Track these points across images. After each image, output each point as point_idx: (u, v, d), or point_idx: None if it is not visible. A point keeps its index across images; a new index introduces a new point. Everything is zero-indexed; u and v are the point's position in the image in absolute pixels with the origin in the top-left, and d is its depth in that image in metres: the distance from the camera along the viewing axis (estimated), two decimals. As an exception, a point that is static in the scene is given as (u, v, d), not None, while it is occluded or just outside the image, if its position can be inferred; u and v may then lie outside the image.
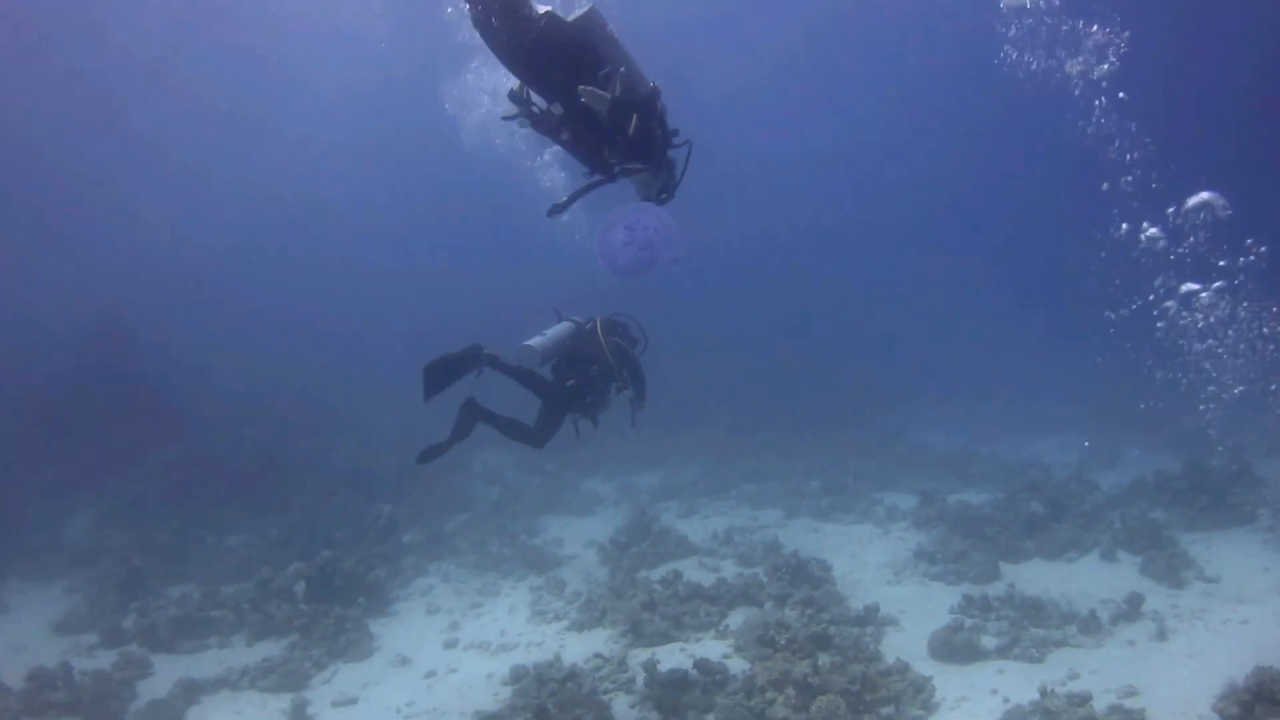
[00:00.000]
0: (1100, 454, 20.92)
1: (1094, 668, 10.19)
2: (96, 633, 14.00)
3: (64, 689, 11.65)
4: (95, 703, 11.30)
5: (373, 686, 11.79)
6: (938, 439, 24.15)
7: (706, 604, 12.77)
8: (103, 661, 12.78)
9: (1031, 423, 25.67)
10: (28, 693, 11.57)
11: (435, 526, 18.58)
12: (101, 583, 15.37)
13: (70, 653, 13.35)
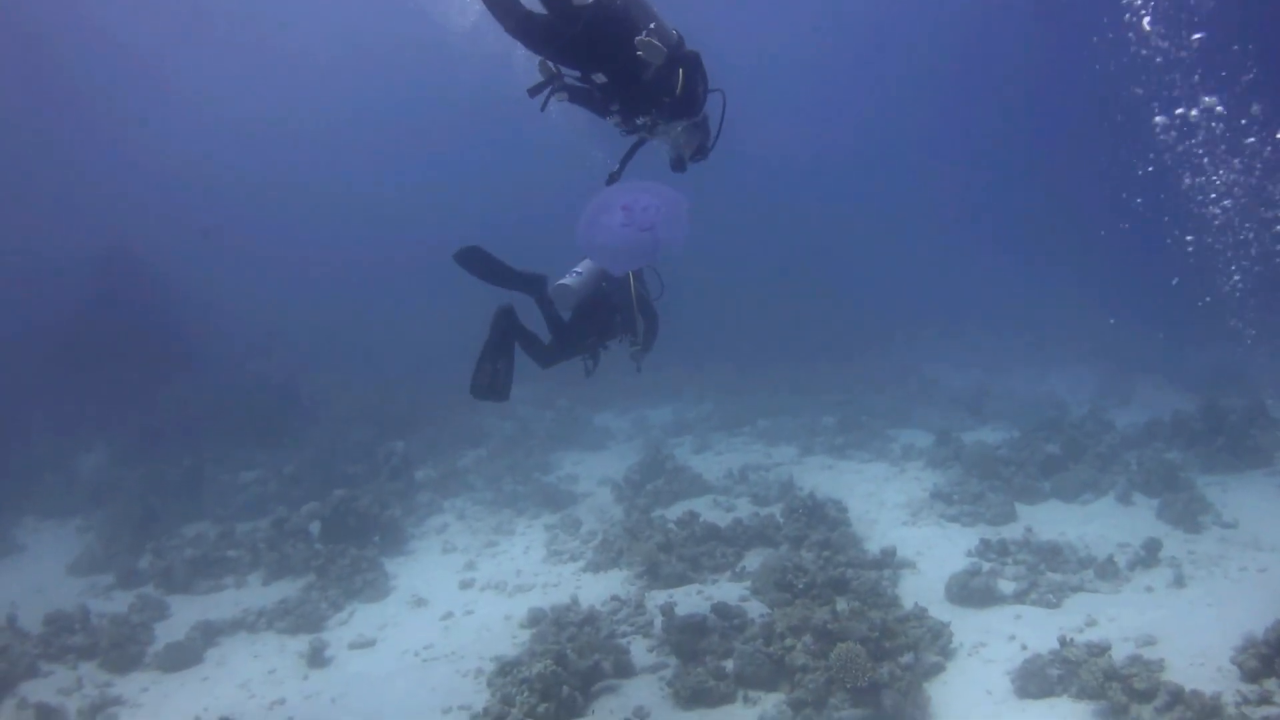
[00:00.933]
0: (1114, 391, 20.86)
1: (1111, 614, 10.19)
2: (112, 573, 14.09)
3: (82, 632, 11.74)
4: (114, 646, 11.36)
5: (390, 628, 11.86)
6: (950, 373, 24.11)
7: (723, 545, 12.79)
8: (119, 604, 12.88)
9: (1044, 357, 25.56)
10: (45, 636, 11.67)
11: (449, 462, 18.64)
12: (116, 522, 15.43)
13: (87, 594, 13.46)
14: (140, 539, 14.95)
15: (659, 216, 8.06)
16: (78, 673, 11.17)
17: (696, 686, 9.25)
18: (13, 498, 17.70)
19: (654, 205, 8.01)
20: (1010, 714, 8.51)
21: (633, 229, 8.00)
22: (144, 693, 10.69)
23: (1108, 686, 8.13)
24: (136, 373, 23.64)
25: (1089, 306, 28.02)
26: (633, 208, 7.98)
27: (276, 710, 9.98)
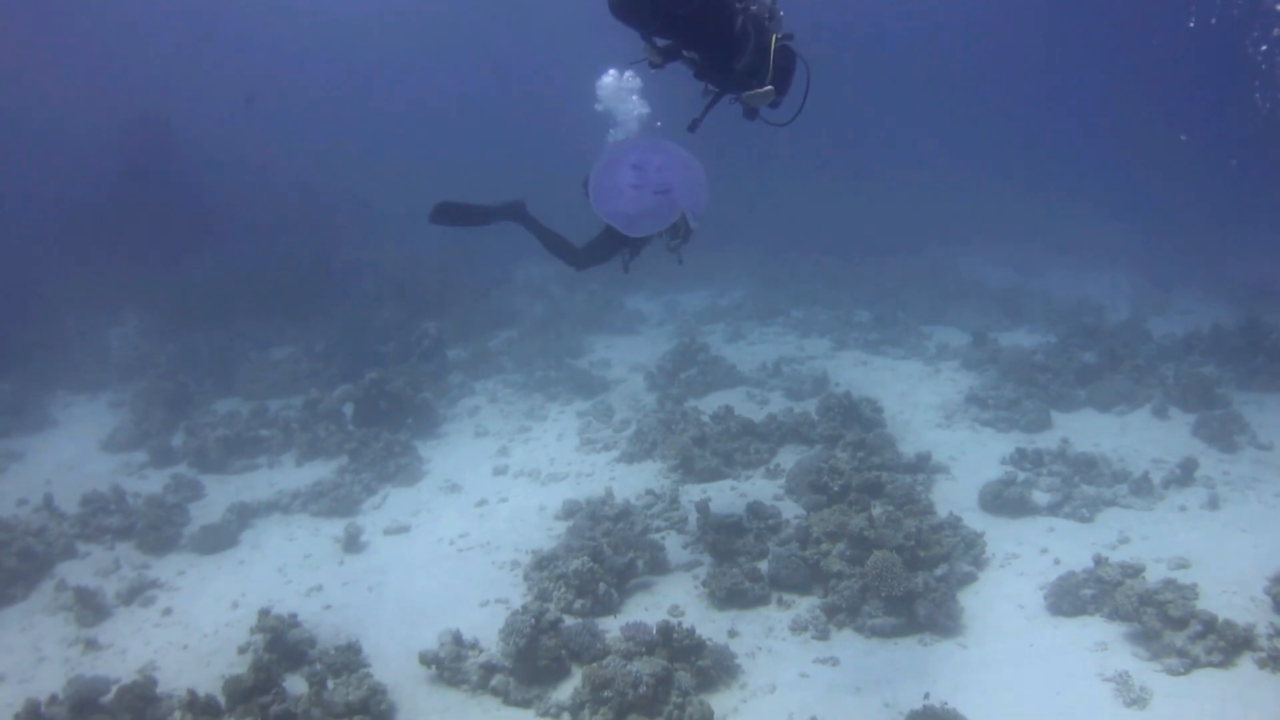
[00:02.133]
0: (1150, 299, 20.62)
1: (1145, 533, 10.21)
2: (146, 451, 14.24)
3: (118, 513, 11.89)
4: (150, 528, 11.52)
5: (424, 514, 11.99)
6: (986, 270, 23.83)
7: (757, 441, 12.83)
8: (154, 483, 13.04)
9: (1081, 259, 25.20)
10: (82, 517, 11.83)
11: (480, 343, 18.64)
12: (148, 399, 15.54)
13: (120, 473, 13.61)
14: (172, 416, 15.08)
15: (675, 179, 7.89)
16: (115, 554, 11.37)
17: (732, 588, 9.36)
18: (44, 372, 17.85)
19: (666, 165, 7.86)
20: (1042, 630, 8.57)
21: (646, 191, 7.82)
22: (181, 575, 10.89)
23: (1142, 611, 8.16)
24: (166, 246, 23.57)
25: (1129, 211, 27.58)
26: (644, 166, 7.81)
27: (314, 597, 10.15)
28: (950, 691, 7.71)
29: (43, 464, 14.43)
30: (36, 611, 10.34)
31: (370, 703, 7.91)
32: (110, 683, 8.55)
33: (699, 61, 7.99)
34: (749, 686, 8.10)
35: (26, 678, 9.14)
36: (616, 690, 7.50)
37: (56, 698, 8.24)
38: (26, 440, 15.49)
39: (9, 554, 10.80)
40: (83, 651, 9.48)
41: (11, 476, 14.13)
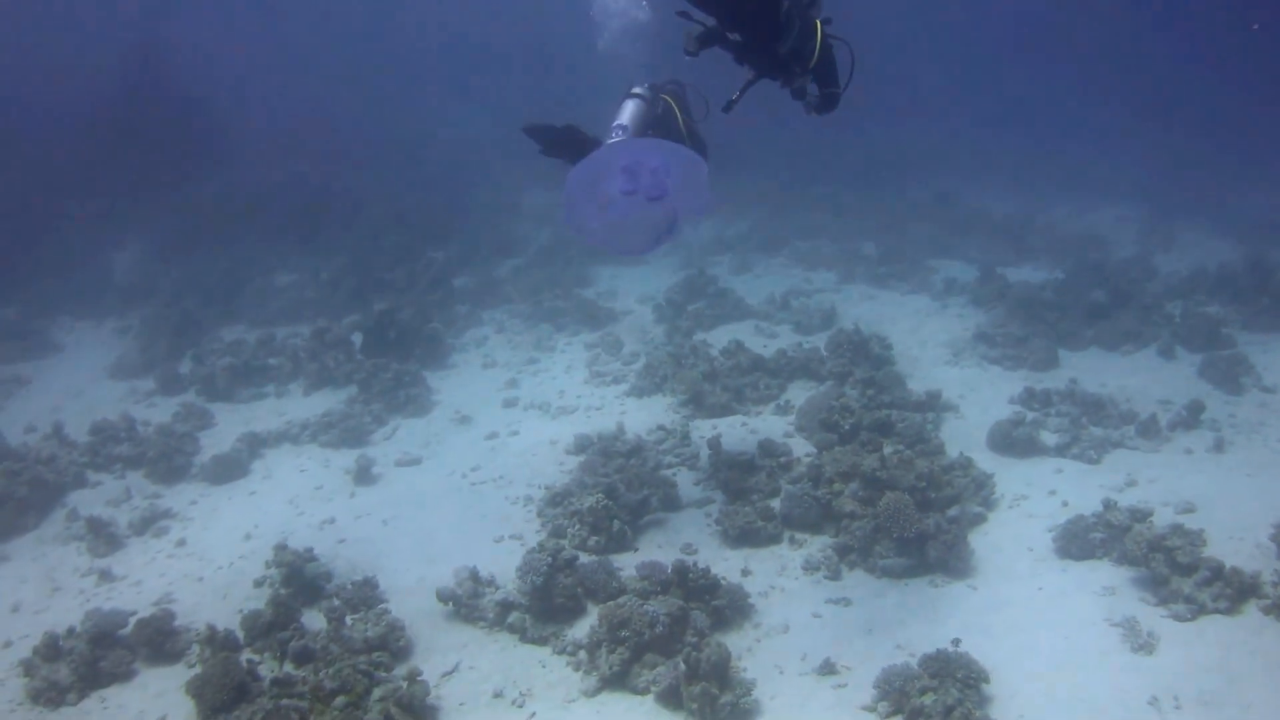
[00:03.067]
0: (1156, 233, 20.51)
1: (1151, 476, 10.23)
2: (153, 378, 14.23)
3: (128, 442, 11.91)
4: (161, 457, 11.56)
5: (435, 445, 12.03)
6: (991, 203, 23.62)
7: (767, 377, 12.85)
8: (163, 411, 13.04)
9: (1086, 191, 24.98)
10: (92, 446, 11.84)
11: (485, 272, 18.58)
12: (153, 325, 15.52)
13: (128, 400, 13.62)
14: (179, 343, 15.07)
15: (672, 181, 6.82)
16: (125, 483, 11.41)
17: (745, 526, 9.44)
18: (47, 297, 17.77)
19: (663, 167, 6.81)
20: (1050, 573, 8.66)
21: (638, 199, 6.75)
22: (193, 505, 10.95)
23: (1151, 557, 8.23)
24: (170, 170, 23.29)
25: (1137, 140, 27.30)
26: (636, 170, 6.76)
27: (327, 530, 10.22)
28: (961, 633, 7.77)
29: (49, 390, 14.44)
30: (48, 541, 10.41)
31: (388, 639, 8.02)
32: (127, 615, 8.64)
33: (742, 44, 7.77)
34: (762, 626, 8.21)
35: (41, 608, 9.23)
36: (633, 630, 7.60)
37: (74, 630, 8.32)
38: (32, 365, 15.48)
39: (19, 483, 10.84)
40: (97, 582, 9.56)
41: (18, 402, 14.16)
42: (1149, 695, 6.90)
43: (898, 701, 6.96)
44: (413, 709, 7.18)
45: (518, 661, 7.92)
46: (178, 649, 8.30)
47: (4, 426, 12.21)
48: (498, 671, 7.78)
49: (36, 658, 8.10)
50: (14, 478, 10.84)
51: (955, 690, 6.81)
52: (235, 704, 7.31)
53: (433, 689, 7.42)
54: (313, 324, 14.95)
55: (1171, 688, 6.97)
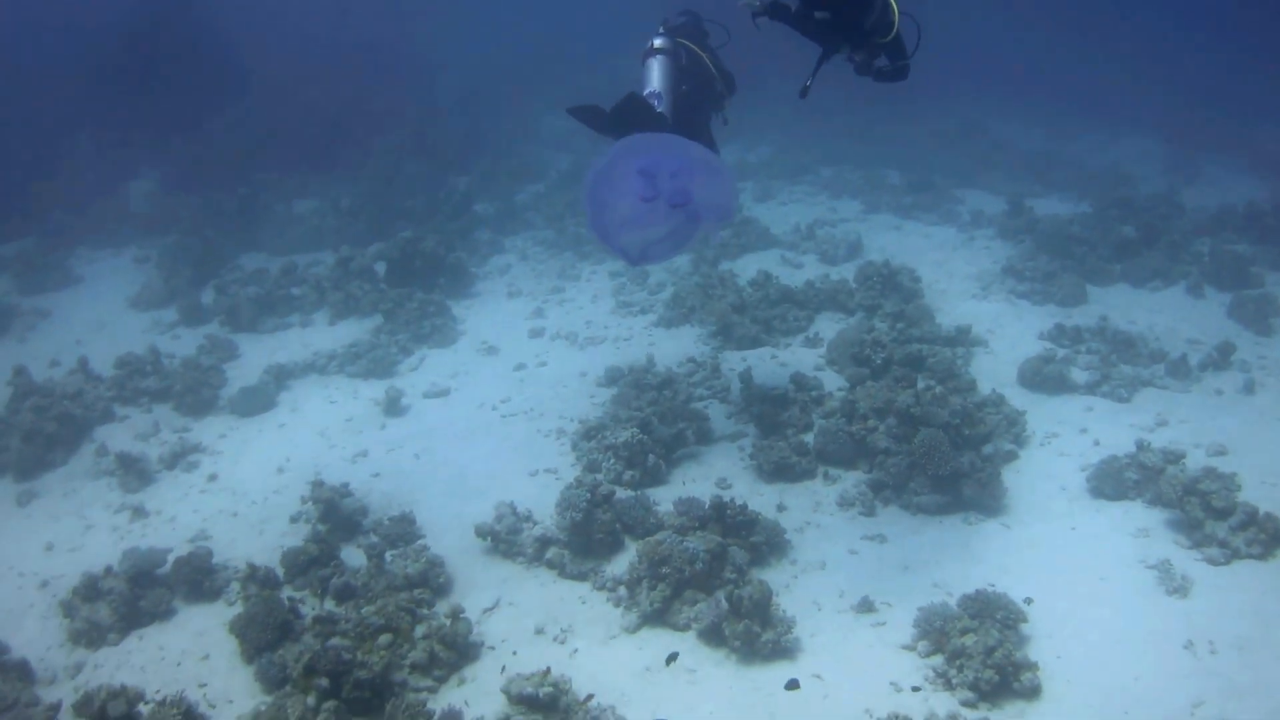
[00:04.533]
0: (1182, 167, 20.23)
1: (1182, 416, 10.20)
2: (175, 309, 14.18)
3: (154, 375, 11.87)
4: (187, 390, 11.53)
5: (462, 376, 12.00)
6: (1016, 133, 23.30)
7: (795, 308, 12.78)
8: (187, 343, 13.01)
9: (1109, 123, 24.56)
10: (118, 379, 11.81)
11: (506, 197, 18.41)
12: (174, 255, 15.42)
13: (151, 332, 13.57)
14: (200, 273, 15.00)
15: (693, 184, 6.33)
16: (153, 417, 11.40)
17: (779, 461, 9.45)
18: (65, 228, 17.63)
19: (683, 169, 6.31)
20: (1084, 513, 8.68)
21: (659, 205, 6.26)
22: (222, 439, 10.95)
23: (1186, 500, 8.24)
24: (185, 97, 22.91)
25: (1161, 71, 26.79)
26: (654, 172, 6.25)
27: (360, 464, 10.24)
28: (996, 573, 7.88)
29: (72, 322, 14.41)
30: (78, 477, 10.42)
31: (429, 575, 8.06)
32: (165, 553, 8.67)
33: (830, 21, 7.64)
34: (799, 563, 8.25)
35: (75, 546, 9.26)
36: (674, 567, 7.65)
37: (112, 569, 8.36)
38: (53, 298, 15.44)
39: (48, 419, 10.82)
40: (131, 519, 9.58)
41: (41, 335, 14.13)
42: (1184, 639, 6.95)
43: (938, 641, 7.01)
44: (456, 646, 7.25)
45: (557, 597, 7.97)
46: (217, 587, 8.35)
47: (28, 361, 12.17)
48: (538, 608, 7.85)
49: (76, 598, 8.14)
50: (42, 413, 10.83)
51: (995, 631, 6.84)
52: (279, 643, 7.38)
53: (474, 626, 7.49)
54: (334, 252, 14.88)
55: (1206, 632, 7.00)
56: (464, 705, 6.69)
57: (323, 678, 6.60)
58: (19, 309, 14.81)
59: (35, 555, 9.13)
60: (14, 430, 10.65)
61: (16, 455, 10.48)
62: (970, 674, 6.60)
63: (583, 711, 6.47)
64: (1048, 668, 6.69)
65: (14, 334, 14.17)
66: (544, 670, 6.79)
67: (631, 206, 6.20)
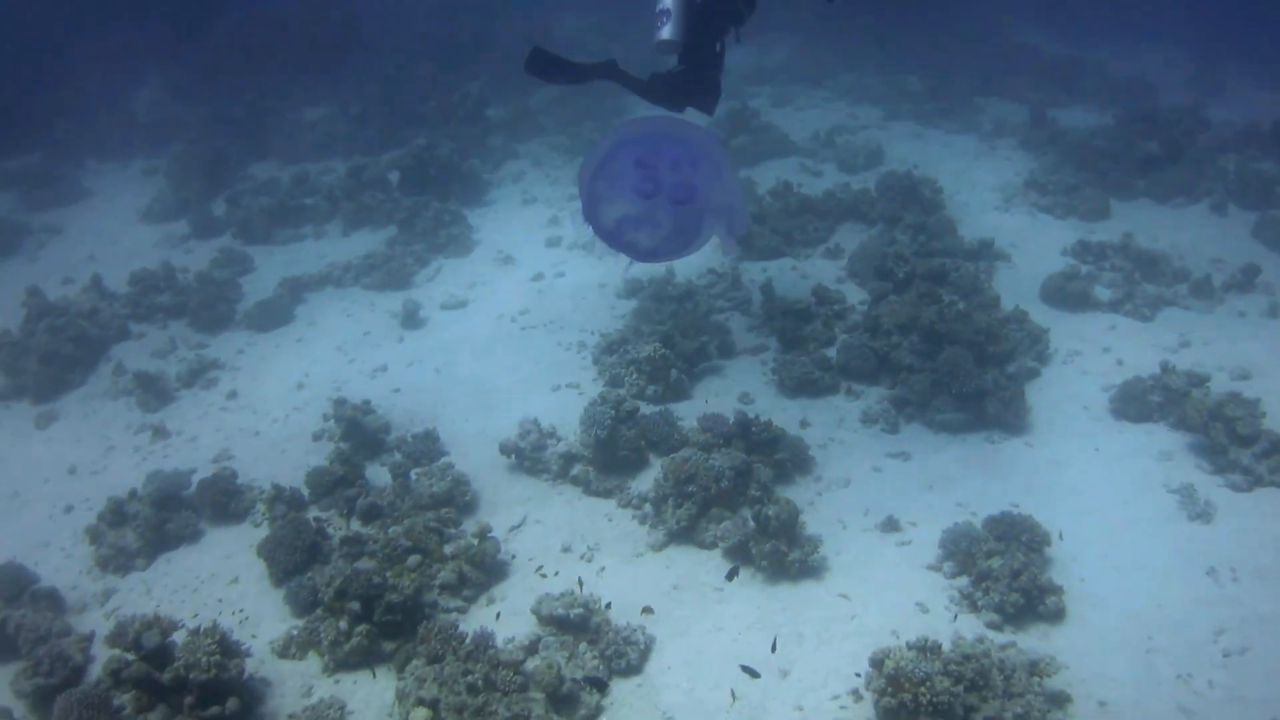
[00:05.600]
0: (1206, 80, 19.77)
1: (1205, 337, 10.10)
2: (187, 222, 14.03)
3: (168, 291, 11.78)
4: (203, 306, 11.47)
5: (479, 287, 11.91)
6: (1037, 40, 22.73)
7: (815, 219, 12.62)
8: (200, 257, 12.89)
9: (1134, 32, 23.89)
10: (133, 296, 11.72)
11: (518, 102, 18.07)
12: (183, 165, 15.20)
13: (164, 245, 13.44)
14: (211, 184, 14.81)
15: (699, 178, 5.61)
16: (169, 333, 11.35)
17: (802, 376, 9.42)
18: (70, 141, 17.34)
19: (683, 159, 5.58)
20: (1107, 434, 8.65)
21: (661, 203, 5.57)
22: (240, 355, 10.91)
23: (1210, 426, 8.20)
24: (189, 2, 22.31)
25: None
26: (653, 163, 5.53)
27: (380, 379, 10.21)
28: (1021, 493, 7.88)
29: (82, 237, 14.28)
30: (97, 397, 10.40)
31: (455, 494, 8.09)
32: (188, 475, 8.70)
33: None
34: (823, 480, 8.27)
35: (98, 469, 9.27)
36: (700, 485, 7.66)
37: (137, 493, 8.37)
38: (62, 213, 15.27)
39: (64, 339, 10.78)
40: (152, 439, 9.59)
41: (52, 252, 14.02)
42: (1207, 566, 6.98)
43: (963, 563, 7.04)
44: (485, 566, 7.30)
45: (583, 515, 8.01)
46: (242, 508, 8.38)
47: (40, 279, 12.08)
48: (564, 525, 7.88)
49: (102, 524, 8.18)
50: (58, 334, 10.78)
51: (1021, 554, 6.88)
52: (308, 565, 7.43)
53: (502, 545, 7.52)
54: (345, 160, 14.68)
55: (1229, 559, 7.03)
56: (495, 626, 6.71)
57: (354, 602, 6.65)
58: (28, 226, 14.67)
59: (59, 479, 9.17)
60: (31, 352, 10.62)
61: (34, 377, 10.47)
62: (996, 597, 6.64)
63: (613, 631, 6.52)
64: (1072, 591, 6.73)
65: (25, 252, 14.06)
66: (573, 591, 6.84)
67: (631, 202, 5.54)
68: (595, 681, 6.10)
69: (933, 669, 5.65)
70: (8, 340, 10.82)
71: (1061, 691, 5.87)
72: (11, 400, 10.49)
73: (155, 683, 6.12)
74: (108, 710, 6.18)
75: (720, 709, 6.00)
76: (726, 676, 6.23)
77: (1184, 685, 5.95)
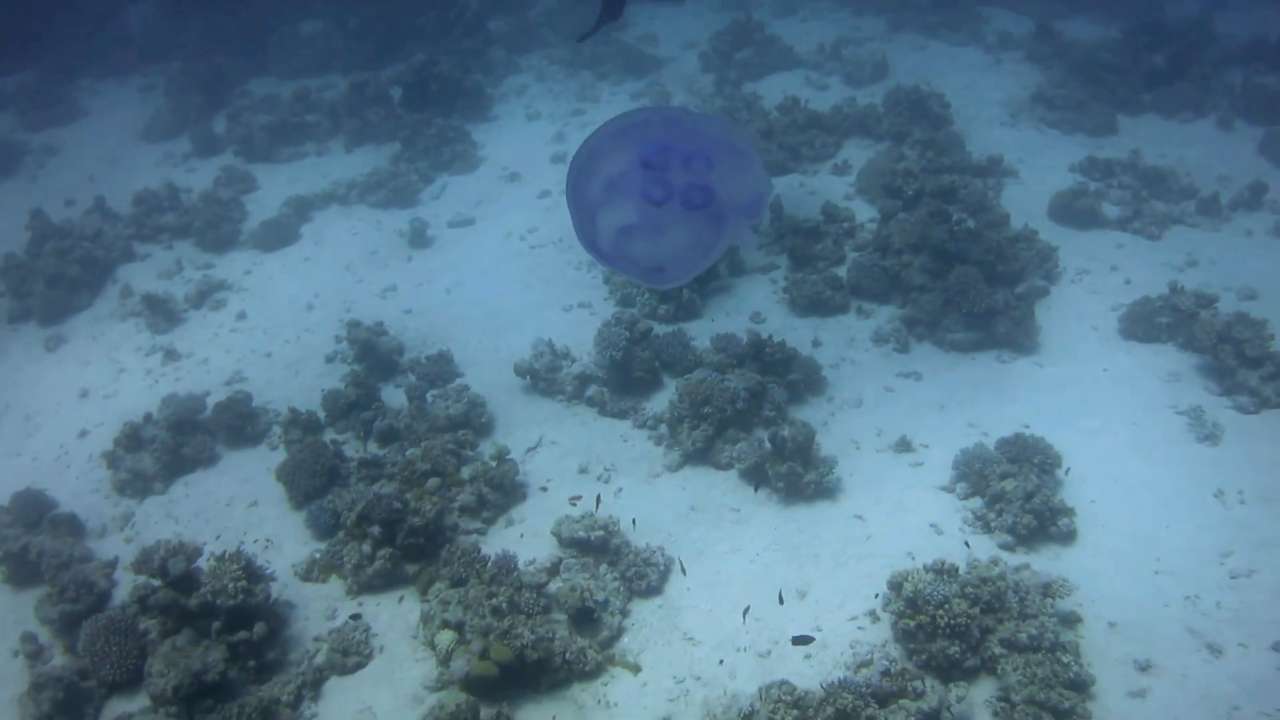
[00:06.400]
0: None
1: (1212, 256, 10.09)
2: (188, 139, 13.84)
3: (172, 211, 11.68)
4: (208, 226, 11.36)
5: (486, 205, 11.82)
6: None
7: (823, 134, 12.51)
8: (202, 176, 12.74)
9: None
10: (137, 217, 11.60)
11: (519, 13, 17.73)
12: (180, 82, 14.94)
13: (165, 164, 13.27)
14: (210, 101, 14.61)
15: (714, 176, 4.52)
16: (175, 254, 11.27)
17: (813, 295, 9.44)
18: (64, 59, 16.99)
19: (697, 153, 4.50)
20: (1115, 354, 8.70)
21: (673, 208, 4.48)
22: (247, 275, 10.85)
23: (1219, 348, 8.24)
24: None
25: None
26: (662, 164, 4.47)
27: (390, 300, 10.18)
28: (1031, 414, 7.95)
29: (82, 157, 14.08)
30: (104, 319, 10.36)
31: (471, 416, 8.14)
32: (203, 398, 8.72)
33: None
34: (836, 400, 8.34)
35: (110, 392, 9.27)
36: (715, 406, 7.72)
37: (152, 417, 8.39)
38: (59, 133, 15.06)
39: (70, 262, 10.71)
40: (163, 361, 9.58)
41: (52, 173, 13.86)
42: (1214, 488, 7.06)
43: (977, 484, 7.14)
44: (503, 487, 7.38)
45: (599, 436, 8.08)
46: (258, 431, 8.42)
47: (42, 201, 11.95)
48: (580, 446, 7.96)
49: (118, 449, 8.22)
50: (63, 256, 10.71)
51: (1034, 476, 6.96)
52: (327, 488, 7.51)
53: (520, 466, 7.59)
54: (345, 75, 14.47)
55: (1236, 481, 7.11)
56: (515, 547, 6.80)
57: (376, 526, 6.72)
58: (26, 146, 14.50)
59: (70, 402, 9.19)
60: (37, 275, 10.57)
61: (41, 300, 10.44)
62: (1009, 518, 6.75)
63: (633, 553, 6.62)
64: (1082, 512, 6.83)
65: (24, 173, 13.90)
66: (591, 513, 6.93)
67: (637, 211, 4.50)
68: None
69: (951, 592, 5.78)
70: (13, 263, 10.77)
71: (1072, 612, 6.01)
72: (19, 323, 10.46)
73: (182, 608, 6.23)
74: (134, 635, 6.31)
75: (739, 629, 6.12)
76: (745, 597, 6.34)
77: (1192, 606, 6.07)
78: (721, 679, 5.84)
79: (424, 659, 6.17)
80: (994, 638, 5.77)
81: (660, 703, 5.73)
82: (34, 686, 6.09)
